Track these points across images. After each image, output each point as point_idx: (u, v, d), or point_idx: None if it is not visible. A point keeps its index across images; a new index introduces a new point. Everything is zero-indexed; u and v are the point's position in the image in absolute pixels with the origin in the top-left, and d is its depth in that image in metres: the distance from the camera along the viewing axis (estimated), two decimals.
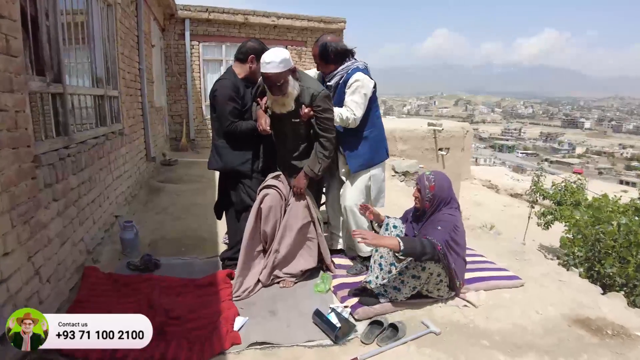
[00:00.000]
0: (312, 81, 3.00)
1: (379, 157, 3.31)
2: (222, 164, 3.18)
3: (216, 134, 3.19)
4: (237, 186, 3.21)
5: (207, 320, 2.53)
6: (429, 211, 2.86)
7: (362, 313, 2.71)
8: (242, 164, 3.15)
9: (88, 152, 3.42)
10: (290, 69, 2.77)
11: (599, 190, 11.66)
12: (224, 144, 3.15)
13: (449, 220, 2.75)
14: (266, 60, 2.69)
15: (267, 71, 2.70)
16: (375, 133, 3.25)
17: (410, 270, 2.70)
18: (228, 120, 3.03)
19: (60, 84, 2.98)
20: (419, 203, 2.91)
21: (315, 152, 3.02)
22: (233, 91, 3.05)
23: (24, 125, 2.28)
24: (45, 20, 2.82)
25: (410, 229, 2.97)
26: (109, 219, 4.02)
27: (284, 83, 2.74)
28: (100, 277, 3.02)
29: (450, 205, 2.84)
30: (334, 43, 3.13)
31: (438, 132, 9.51)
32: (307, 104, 2.89)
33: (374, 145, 3.26)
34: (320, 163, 3.00)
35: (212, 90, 3.13)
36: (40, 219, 2.45)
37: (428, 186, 2.82)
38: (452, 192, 2.88)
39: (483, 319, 2.79)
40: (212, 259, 3.58)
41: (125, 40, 5.17)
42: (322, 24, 11.36)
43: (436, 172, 2.96)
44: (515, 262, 3.84)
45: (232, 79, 3.11)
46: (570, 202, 7.89)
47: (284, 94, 2.80)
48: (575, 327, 2.77)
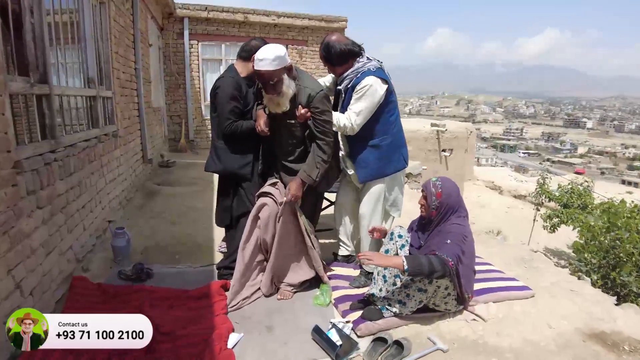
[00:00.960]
0: (311, 81, 2.83)
1: (392, 167, 3.09)
2: (221, 166, 3.04)
3: (216, 134, 3.06)
4: (236, 190, 3.08)
5: (200, 337, 2.37)
6: (436, 220, 2.70)
7: (365, 329, 2.55)
8: (242, 167, 3.02)
9: (78, 155, 3.26)
10: (285, 67, 2.63)
11: (604, 191, 11.54)
12: (223, 146, 3.02)
13: (458, 232, 2.59)
14: (259, 57, 2.57)
15: (260, 68, 2.57)
16: (388, 141, 3.02)
17: (416, 283, 2.55)
18: (228, 120, 2.91)
19: (46, 84, 2.82)
20: (425, 211, 2.75)
21: (312, 156, 2.82)
22: (235, 89, 2.93)
23: (2, 129, 2.13)
24: (30, 17, 2.67)
25: (416, 239, 2.81)
26: (101, 224, 3.87)
27: (277, 82, 2.61)
28: (89, 288, 2.87)
29: (459, 214, 2.68)
30: (336, 43, 2.94)
31: (441, 132, 9.36)
32: (304, 104, 2.73)
33: (386, 155, 3.04)
34: (318, 168, 2.80)
35: (214, 88, 3.01)
36: (22, 228, 2.30)
37: (435, 193, 2.67)
38: (460, 200, 2.74)
39: (493, 335, 2.65)
40: (206, 268, 3.43)
41: (119, 39, 5.02)
42: (323, 23, 11.22)
43: (443, 178, 2.80)
44: (523, 270, 3.72)
45: (235, 77, 2.99)
46: (577, 204, 7.73)
47: (278, 93, 2.65)
48: (590, 342, 2.62)
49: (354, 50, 2.94)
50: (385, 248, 2.85)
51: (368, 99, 2.85)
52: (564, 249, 9.41)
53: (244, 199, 3.06)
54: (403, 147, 3.15)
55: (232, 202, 3.11)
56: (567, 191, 8.21)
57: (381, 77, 2.90)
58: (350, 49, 2.94)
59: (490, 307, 2.88)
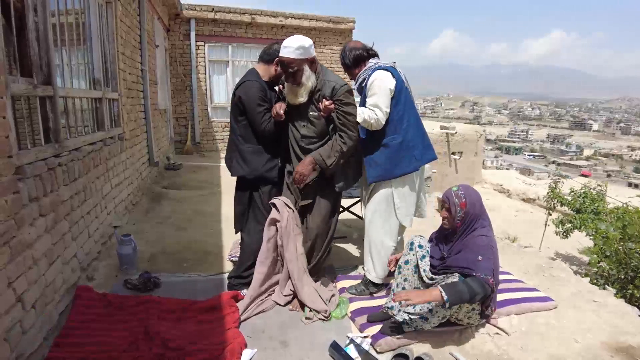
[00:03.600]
0: (335, 76, 2.83)
1: (402, 169, 2.94)
2: (248, 169, 2.96)
3: (243, 139, 2.96)
4: (257, 195, 3.02)
5: (211, 353, 2.25)
6: (460, 231, 2.55)
7: (385, 345, 2.42)
8: (269, 171, 2.98)
9: (82, 159, 3.16)
10: (307, 59, 2.66)
11: (614, 194, 11.35)
12: (251, 149, 2.95)
13: (487, 244, 2.44)
14: (285, 44, 2.64)
15: (282, 55, 2.64)
16: (397, 141, 2.91)
17: None
18: (264, 122, 2.87)
19: (50, 86, 2.71)
20: (448, 223, 2.58)
21: (331, 144, 2.78)
22: (261, 91, 2.90)
23: (3, 133, 2.01)
24: (34, 15, 2.56)
25: (437, 251, 2.66)
26: (106, 230, 3.76)
27: (297, 71, 2.65)
28: (94, 299, 2.75)
29: (482, 224, 2.54)
30: (348, 48, 3.05)
31: (451, 135, 9.19)
32: (329, 96, 2.72)
33: (396, 155, 2.91)
34: (335, 157, 2.75)
35: (237, 94, 2.92)
36: (24, 238, 2.18)
37: (458, 204, 2.51)
38: (483, 208, 2.59)
39: (517, 350, 2.52)
40: (215, 277, 3.31)
41: (126, 40, 4.92)
42: (330, 24, 11.12)
43: (464, 186, 2.63)
44: (543, 279, 3.60)
45: (258, 81, 2.94)
46: (590, 209, 7.52)
47: (297, 83, 2.69)
48: (617, 357, 2.50)
49: (363, 54, 3.02)
50: (405, 259, 2.71)
51: (378, 90, 2.85)
52: (575, 254, 9.24)
53: (258, 205, 3.01)
54: (417, 148, 2.99)
55: (247, 208, 3.06)
56: (580, 195, 7.99)
57: (390, 71, 2.92)
58: (361, 53, 3.02)
59: (512, 319, 2.77)
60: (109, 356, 2.20)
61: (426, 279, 2.60)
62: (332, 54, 11.42)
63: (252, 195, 3.03)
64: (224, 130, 10.82)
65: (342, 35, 11.57)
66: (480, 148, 10.70)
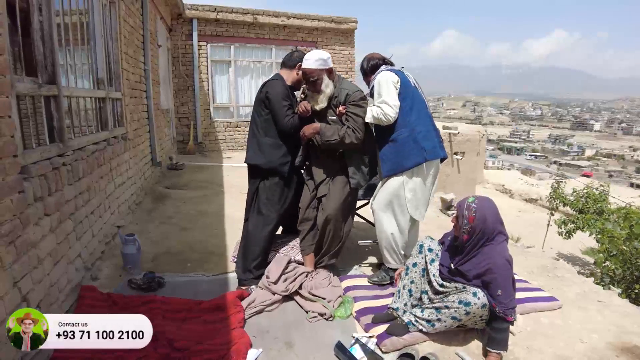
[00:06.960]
0: (350, 84, 3.16)
1: (411, 161, 3.02)
2: (264, 159, 3.15)
3: (263, 132, 3.17)
4: (262, 185, 3.20)
5: (217, 353, 2.24)
6: (468, 246, 2.42)
7: (390, 345, 2.42)
8: (282, 165, 3.16)
9: (87, 159, 3.15)
10: (325, 69, 3.01)
11: (617, 194, 11.33)
12: (270, 142, 3.15)
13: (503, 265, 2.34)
14: (306, 57, 3.04)
15: (304, 66, 3.02)
16: (404, 135, 3.03)
17: (450, 310, 2.39)
18: (287, 115, 3.09)
19: (54, 85, 2.71)
20: (456, 232, 2.48)
21: (339, 129, 3.04)
22: (287, 89, 3.17)
23: (8, 133, 2.00)
24: (39, 15, 2.56)
25: (447, 258, 2.58)
26: (110, 230, 3.75)
27: (317, 80, 2.99)
28: (98, 299, 2.74)
29: (497, 240, 2.39)
30: (367, 58, 3.32)
31: (453, 135, 9.15)
32: (343, 102, 3.06)
33: (402, 149, 3.02)
34: (335, 138, 3.02)
35: (264, 90, 3.15)
36: (29, 237, 2.18)
37: (467, 216, 2.38)
38: (498, 224, 2.40)
39: (523, 350, 2.52)
40: (219, 277, 3.31)
41: (129, 40, 4.91)
42: (333, 24, 11.10)
43: (481, 197, 2.47)
44: (548, 279, 3.60)
45: (282, 82, 3.21)
46: (593, 209, 7.52)
47: (317, 91, 3.02)
48: (623, 357, 2.50)
49: (379, 62, 3.28)
50: (413, 261, 2.69)
51: (381, 87, 3.06)
52: (577, 254, 9.25)
53: (260, 195, 3.20)
54: (426, 142, 3.04)
55: (252, 201, 3.26)
56: (582, 196, 7.99)
57: (393, 72, 3.12)
58: (377, 62, 3.28)
59: (517, 319, 2.74)
60: (114, 356, 2.20)
61: (436, 285, 2.54)
62: (334, 54, 11.39)
63: (265, 186, 3.19)
64: (226, 130, 10.82)
65: (344, 35, 11.56)
66: (483, 148, 10.67)
